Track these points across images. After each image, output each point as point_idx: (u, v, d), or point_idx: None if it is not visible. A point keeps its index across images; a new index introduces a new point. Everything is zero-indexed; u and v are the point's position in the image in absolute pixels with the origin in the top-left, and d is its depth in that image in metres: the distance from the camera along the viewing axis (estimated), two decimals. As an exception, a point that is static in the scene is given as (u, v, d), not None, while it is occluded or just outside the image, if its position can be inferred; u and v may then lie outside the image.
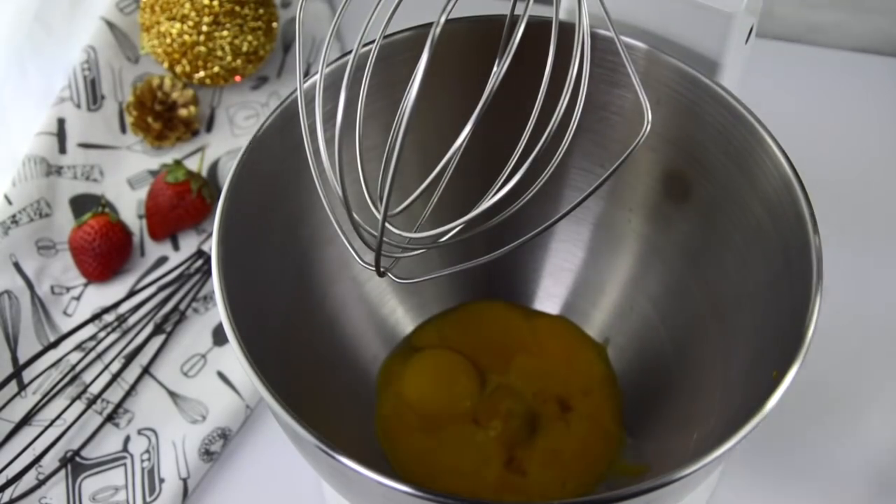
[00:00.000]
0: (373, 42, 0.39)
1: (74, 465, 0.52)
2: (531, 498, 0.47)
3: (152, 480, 0.51)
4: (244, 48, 0.65)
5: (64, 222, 0.61)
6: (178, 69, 0.65)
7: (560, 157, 0.36)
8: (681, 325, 0.49)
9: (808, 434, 0.53)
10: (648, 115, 0.35)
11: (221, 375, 0.55)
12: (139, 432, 0.53)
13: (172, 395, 0.55)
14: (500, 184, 0.37)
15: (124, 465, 0.52)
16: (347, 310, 0.51)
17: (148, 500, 0.50)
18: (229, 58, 0.64)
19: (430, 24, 0.31)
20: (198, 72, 0.65)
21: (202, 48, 0.64)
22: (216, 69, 0.65)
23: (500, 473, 0.48)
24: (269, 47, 0.67)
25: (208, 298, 0.58)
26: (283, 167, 0.44)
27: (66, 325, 0.57)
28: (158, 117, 0.64)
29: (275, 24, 0.67)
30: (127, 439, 0.53)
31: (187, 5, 0.63)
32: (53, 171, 0.62)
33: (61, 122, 0.63)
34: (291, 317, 0.48)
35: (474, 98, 0.32)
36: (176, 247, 0.61)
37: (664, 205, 0.48)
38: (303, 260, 0.49)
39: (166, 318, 0.57)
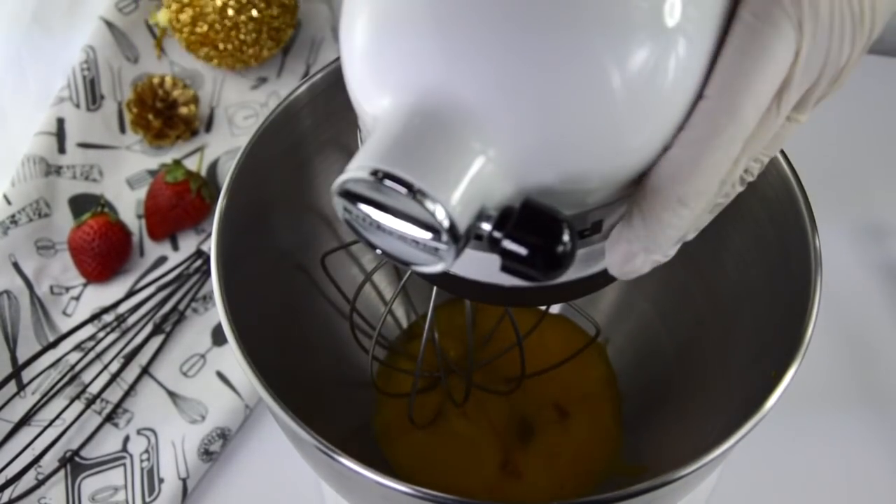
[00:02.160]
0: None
1: (74, 465, 0.52)
2: (529, 500, 0.47)
3: (152, 480, 0.51)
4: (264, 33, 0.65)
5: (63, 222, 0.61)
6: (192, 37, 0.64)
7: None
8: (680, 325, 0.49)
9: (807, 433, 0.53)
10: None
11: (221, 375, 0.55)
12: (138, 432, 0.53)
13: (172, 395, 0.55)
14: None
15: (124, 465, 0.52)
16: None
17: (147, 500, 0.50)
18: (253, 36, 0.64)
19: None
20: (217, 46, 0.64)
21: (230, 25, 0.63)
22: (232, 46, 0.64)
23: (497, 476, 0.48)
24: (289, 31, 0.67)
25: (207, 298, 0.58)
26: (282, 167, 0.44)
27: (65, 325, 0.57)
28: (159, 115, 0.64)
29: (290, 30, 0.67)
30: (126, 439, 0.53)
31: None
32: (53, 170, 0.62)
33: (60, 122, 0.63)
34: (290, 317, 0.48)
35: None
36: (175, 247, 0.61)
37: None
38: (302, 259, 0.49)
39: (165, 318, 0.57)
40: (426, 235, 0.22)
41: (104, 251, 0.58)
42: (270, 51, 0.66)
